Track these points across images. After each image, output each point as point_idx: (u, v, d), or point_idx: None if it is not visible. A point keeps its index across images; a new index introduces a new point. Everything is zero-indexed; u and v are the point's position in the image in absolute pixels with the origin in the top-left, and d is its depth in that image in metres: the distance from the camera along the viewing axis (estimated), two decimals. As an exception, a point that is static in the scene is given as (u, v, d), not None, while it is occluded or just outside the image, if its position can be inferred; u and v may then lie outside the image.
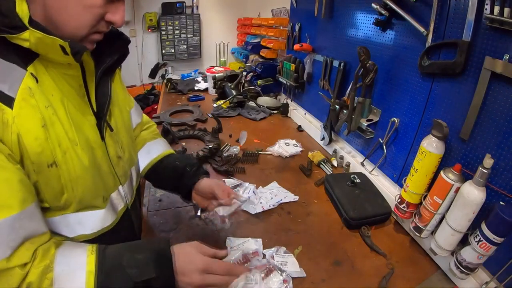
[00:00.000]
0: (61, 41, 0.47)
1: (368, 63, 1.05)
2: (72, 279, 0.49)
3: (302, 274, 0.81)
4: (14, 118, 0.45)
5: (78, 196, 0.56)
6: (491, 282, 0.72)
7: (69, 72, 0.55)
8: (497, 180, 0.72)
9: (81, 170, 0.55)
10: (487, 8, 0.69)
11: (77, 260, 0.51)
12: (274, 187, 1.21)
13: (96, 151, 0.60)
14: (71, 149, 0.53)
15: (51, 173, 0.51)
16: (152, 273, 0.54)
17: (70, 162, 0.53)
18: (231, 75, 2.26)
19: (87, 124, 0.58)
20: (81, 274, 0.50)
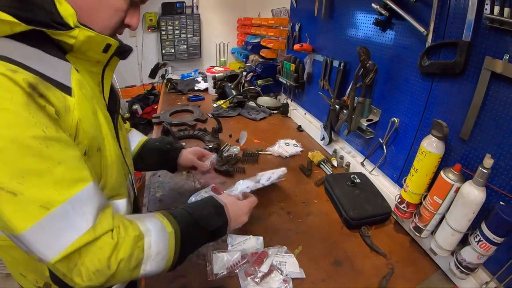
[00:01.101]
0: (112, 40, 0.53)
1: (368, 63, 1.05)
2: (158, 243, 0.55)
3: (302, 275, 0.81)
4: (75, 105, 0.48)
5: (111, 182, 0.60)
6: (491, 282, 0.72)
7: (93, 69, 0.58)
8: (497, 180, 0.72)
9: (114, 156, 0.60)
10: (487, 8, 0.69)
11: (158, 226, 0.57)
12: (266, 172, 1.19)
13: (116, 141, 0.65)
14: (108, 136, 0.58)
15: (97, 157, 0.55)
16: (219, 222, 0.69)
17: (108, 148, 0.58)
18: (231, 75, 2.26)
19: (107, 117, 0.62)
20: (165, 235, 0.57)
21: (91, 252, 0.47)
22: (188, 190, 1.17)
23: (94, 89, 0.59)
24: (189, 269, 0.82)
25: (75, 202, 0.46)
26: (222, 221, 0.70)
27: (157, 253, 0.55)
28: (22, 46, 0.46)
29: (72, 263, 0.46)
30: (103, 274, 0.47)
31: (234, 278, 0.80)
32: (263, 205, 1.10)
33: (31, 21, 0.44)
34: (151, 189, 1.17)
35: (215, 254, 0.86)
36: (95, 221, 0.48)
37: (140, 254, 0.52)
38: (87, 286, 0.47)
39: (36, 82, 0.43)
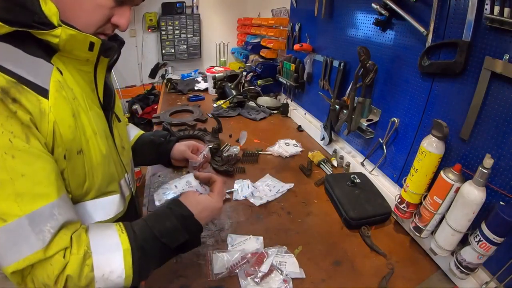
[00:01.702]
0: (94, 38, 0.52)
1: (368, 63, 1.05)
2: (111, 261, 0.51)
3: (302, 275, 0.81)
4: (50, 107, 0.48)
5: (97, 183, 0.59)
6: (491, 282, 0.72)
7: (84, 68, 0.58)
8: (497, 180, 0.72)
9: (101, 157, 0.58)
10: (487, 8, 0.69)
11: (111, 242, 0.53)
12: (268, 179, 1.24)
13: (109, 141, 0.64)
14: (92, 137, 0.57)
15: (78, 160, 0.54)
16: (185, 236, 0.60)
17: (92, 149, 0.56)
18: (231, 75, 2.26)
19: (100, 116, 0.62)
20: (119, 254, 0.52)
21: (42, 267, 0.46)
22: (188, 190, 1.17)
23: (85, 88, 0.58)
24: (189, 269, 0.82)
25: (33, 218, 0.45)
26: (190, 233, 0.61)
27: (111, 271, 0.51)
28: (6, 46, 0.46)
29: (26, 272, 0.46)
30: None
31: (234, 278, 0.80)
32: (263, 205, 1.10)
33: (13, 22, 0.44)
34: (151, 189, 1.17)
35: (215, 254, 0.86)
36: (51, 240, 0.47)
37: (89, 273, 0.49)
38: None
39: (8, 86, 0.43)
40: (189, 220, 0.62)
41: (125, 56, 3.21)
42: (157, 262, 0.59)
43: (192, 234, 0.62)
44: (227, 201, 1.12)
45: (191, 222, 0.62)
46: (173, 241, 0.58)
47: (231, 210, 1.08)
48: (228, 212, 1.07)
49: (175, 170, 1.31)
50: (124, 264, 0.52)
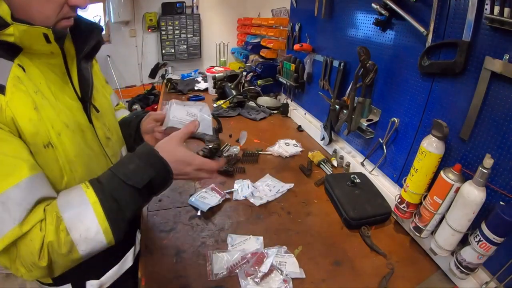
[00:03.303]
0: (44, 29, 0.52)
1: (368, 63, 1.05)
2: (82, 218, 0.51)
3: (302, 275, 0.81)
4: (7, 102, 0.49)
5: (77, 177, 0.58)
6: (491, 282, 0.72)
7: (52, 61, 0.58)
8: (497, 180, 0.72)
9: (76, 151, 0.58)
10: (487, 8, 0.69)
11: (78, 200, 0.52)
12: (268, 179, 1.25)
13: (86, 133, 0.63)
14: (64, 130, 0.56)
15: (48, 154, 0.53)
16: (150, 173, 0.55)
17: (65, 142, 0.56)
18: (231, 75, 2.26)
19: (74, 108, 0.61)
20: (88, 208, 0.51)
21: (24, 245, 0.47)
22: (188, 190, 1.17)
23: (55, 82, 0.59)
24: (189, 269, 0.83)
25: (6, 197, 0.46)
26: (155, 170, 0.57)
27: (86, 229, 0.50)
28: None
29: (13, 255, 0.48)
30: (39, 266, 0.48)
31: (234, 278, 0.80)
32: (263, 205, 1.10)
33: None
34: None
35: (215, 254, 0.86)
36: (26, 216, 0.47)
37: (67, 237, 0.49)
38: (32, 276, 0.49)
39: None
40: (152, 157, 0.58)
41: (125, 56, 3.23)
42: (131, 208, 0.56)
43: (157, 170, 0.57)
44: (227, 201, 1.12)
45: (155, 158, 0.58)
46: (139, 181, 0.55)
47: (231, 210, 1.08)
48: (228, 212, 1.07)
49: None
50: (97, 218, 0.51)
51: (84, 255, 0.52)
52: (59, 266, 0.51)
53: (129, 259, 0.83)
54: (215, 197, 1.10)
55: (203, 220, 1.02)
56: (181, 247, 0.90)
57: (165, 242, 0.92)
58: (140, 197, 0.57)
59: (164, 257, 0.86)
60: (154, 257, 0.86)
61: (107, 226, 0.52)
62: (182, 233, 0.95)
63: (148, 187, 0.56)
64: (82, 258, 0.52)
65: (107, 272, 0.76)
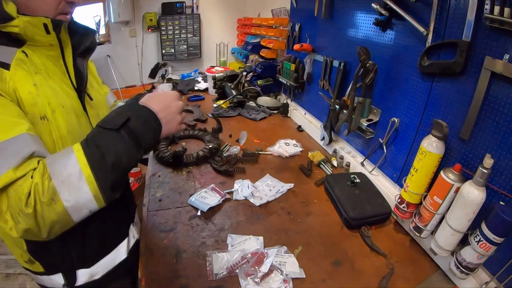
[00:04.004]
0: (44, 19, 0.59)
1: (368, 63, 1.05)
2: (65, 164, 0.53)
3: (302, 275, 0.81)
4: (11, 76, 0.56)
5: None
6: (491, 282, 0.72)
7: (52, 53, 0.66)
8: (497, 180, 0.72)
9: (69, 129, 0.64)
10: (487, 8, 0.69)
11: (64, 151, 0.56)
12: (268, 179, 1.25)
13: (80, 118, 0.69)
14: (60, 109, 0.63)
15: (44, 126, 0.60)
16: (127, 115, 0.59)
17: (59, 119, 0.62)
18: (231, 75, 2.26)
19: (70, 95, 0.69)
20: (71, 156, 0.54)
21: (14, 191, 0.50)
22: (188, 190, 1.17)
23: (54, 71, 0.66)
24: (189, 269, 0.83)
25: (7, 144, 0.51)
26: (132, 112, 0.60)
27: (68, 175, 0.51)
28: None
29: (4, 204, 0.50)
30: (25, 213, 0.49)
31: (234, 278, 0.80)
32: (263, 205, 1.10)
33: None
34: (151, 189, 1.17)
35: (215, 254, 0.86)
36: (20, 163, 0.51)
37: (49, 183, 0.50)
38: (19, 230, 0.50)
39: None
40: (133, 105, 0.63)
41: (125, 56, 3.22)
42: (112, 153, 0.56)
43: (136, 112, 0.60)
44: (227, 201, 1.12)
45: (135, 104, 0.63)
46: (116, 123, 0.57)
47: (231, 210, 1.08)
48: (228, 212, 1.07)
49: (175, 170, 1.31)
50: (79, 163, 0.53)
51: (68, 208, 0.52)
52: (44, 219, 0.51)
53: (122, 251, 0.84)
54: (215, 197, 1.10)
55: (203, 220, 1.02)
56: (181, 247, 0.90)
57: (165, 242, 0.92)
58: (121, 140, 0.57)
59: (164, 257, 0.86)
60: (154, 257, 0.86)
61: (90, 173, 0.53)
62: (182, 233, 0.95)
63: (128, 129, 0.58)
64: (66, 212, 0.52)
65: (98, 261, 0.77)
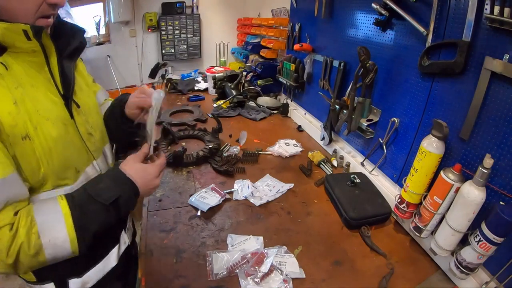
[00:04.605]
0: (23, 25, 0.54)
1: (368, 63, 1.05)
2: (53, 225, 0.56)
3: (302, 275, 0.81)
4: None
5: (55, 169, 0.61)
6: (491, 282, 0.72)
7: (35, 59, 0.61)
8: (497, 180, 0.72)
9: (53, 142, 0.60)
10: (487, 8, 0.69)
11: (52, 208, 0.57)
12: (268, 179, 1.25)
13: (68, 127, 0.66)
14: (42, 123, 0.59)
15: (26, 145, 0.56)
16: (117, 193, 0.62)
17: (41, 135, 0.58)
18: (231, 75, 2.26)
19: (56, 103, 0.64)
20: (60, 218, 0.56)
21: None
22: (188, 190, 1.17)
23: (37, 78, 0.62)
24: (189, 269, 0.83)
25: None
26: (122, 190, 0.64)
27: (56, 236, 0.55)
28: None
29: None
30: (5, 263, 0.52)
31: (234, 278, 0.80)
32: (263, 205, 1.10)
33: None
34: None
35: (215, 254, 0.86)
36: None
37: (37, 240, 0.53)
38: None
39: None
40: (120, 179, 0.65)
41: (125, 56, 3.22)
42: (97, 222, 0.61)
43: (124, 191, 0.64)
44: (227, 201, 1.12)
45: (123, 180, 0.65)
46: (106, 198, 0.61)
47: (231, 210, 1.08)
48: (228, 212, 1.07)
49: (175, 170, 1.31)
50: (66, 227, 0.56)
51: (49, 259, 0.56)
52: (24, 265, 0.54)
53: (112, 258, 0.82)
54: (215, 197, 1.10)
55: (203, 220, 1.02)
56: (181, 247, 0.90)
57: (165, 242, 0.92)
58: (107, 213, 0.62)
59: (164, 257, 0.86)
60: (154, 257, 0.86)
61: (74, 237, 0.57)
62: (182, 233, 0.95)
63: (115, 205, 0.62)
64: (46, 262, 0.57)
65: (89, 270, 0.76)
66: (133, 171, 0.67)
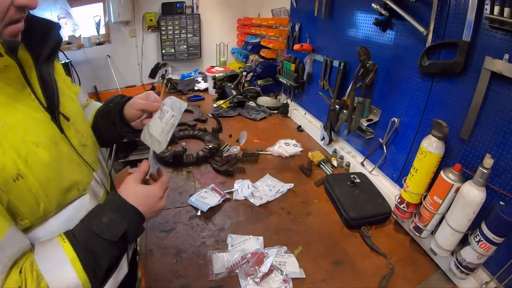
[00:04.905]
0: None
1: (368, 63, 1.05)
2: (63, 275, 0.50)
3: (302, 275, 0.81)
4: None
5: (54, 201, 0.55)
6: (491, 282, 0.72)
7: (9, 75, 0.52)
8: (497, 180, 0.72)
9: (47, 170, 0.53)
10: (487, 8, 0.69)
11: (57, 256, 0.51)
12: (268, 179, 1.25)
13: (60, 145, 0.58)
14: (32, 152, 0.51)
15: (20, 186, 0.48)
16: (124, 226, 0.57)
17: (34, 167, 0.51)
18: (231, 75, 2.26)
19: (42, 121, 0.56)
20: (68, 265, 0.51)
21: None
22: (188, 190, 1.17)
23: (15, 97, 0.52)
24: (189, 269, 0.83)
25: None
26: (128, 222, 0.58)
27: (67, 286, 0.50)
28: None
29: None
30: None
31: (234, 278, 0.80)
32: (263, 205, 1.10)
33: None
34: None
35: (215, 254, 0.86)
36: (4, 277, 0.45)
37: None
38: None
39: None
40: (124, 209, 0.59)
41: (125, 56, 3.22)
42: (107, 259, 0.57)
43: (131, 222, 0.59)
44: (227, 201, 1.12)
45: (127, 210, 0.59)
46: (114, 235, 0.56)
47: (231, 210, 1.08)
48: (228, 212, 1.07)
49: (175, 170, 1.31)
50: (76, 273, 0.51)
51: None
52: None
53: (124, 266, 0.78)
54: (215, 197, 1.10)
55: (203, 220, 1.02)
56: (181, 247, 0.90)
57: (165, 242, 0.92)
58: (116, 248, 0.58)
59: (164, 257, 0.86)
60: (154, 257, 0.86)
61: (85, 279, 0.53)
62: (182, 233, 0.95)
63: (123, 238, 0.57)
64: None
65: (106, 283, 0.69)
66: (134, 197, 0.61)
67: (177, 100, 0.71)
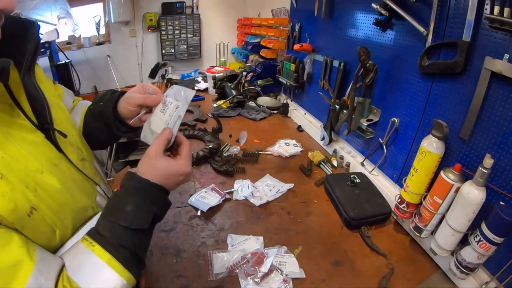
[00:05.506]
0: None
1: (368, 63, 1.05)
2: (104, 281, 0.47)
3: (302, 275, 0.81)
4: None
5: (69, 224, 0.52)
6: (491, 282, 0.72)
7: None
8: (497, 180, 0.72)
9: (59, 196, 0.50)
10: (487, 8, 0.69)
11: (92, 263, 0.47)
12: (268, 179, 1.25)
13: (60, 166, 0.53)
14: (39, 181, 0.47)
15: (35, 219, 0.45)
16: (152, 209, 0.52)
17: (45, 196, 0.47)
18: (231, 75, 2.26)
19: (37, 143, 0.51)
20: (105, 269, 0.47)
21: None
22: (188, 190, 1.17)
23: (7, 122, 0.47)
24: (189, 269, 0.83)
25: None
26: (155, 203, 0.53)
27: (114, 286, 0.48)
28: None
29: None
30: None
31: (234, 278, 0.80)
32: (263, 205, 1.10)
33: None
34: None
35: (215, 254, 0.86)
36: None
37: None
38: None
39: None
40: (148, 191, 0.53)
41: (125, 56, 3.23)
42: (144, 248, 0.54)
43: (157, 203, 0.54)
44: (227, 201, 1.12)
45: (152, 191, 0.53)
46: (143, 222, 0.51)
47: (231, 210, 1.08)
48: (228, 212, 1.07)
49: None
50: (117, 273, 0.48)
51: None
52: None
53: None
54: (215, 197, 1.10)
55: (203, 220, 1.02)
56: (181, 247, 0.90)
57: (165, 242, 0.92)
58: (148, 234, 0.55)
59: (164, 257, 0.86)
60: (154, 257, 0.86)
61: (129, 275, 0.50)
62: (182, 233, 0.96)
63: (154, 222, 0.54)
64: None
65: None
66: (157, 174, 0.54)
67: (181, 88, 0.62)
